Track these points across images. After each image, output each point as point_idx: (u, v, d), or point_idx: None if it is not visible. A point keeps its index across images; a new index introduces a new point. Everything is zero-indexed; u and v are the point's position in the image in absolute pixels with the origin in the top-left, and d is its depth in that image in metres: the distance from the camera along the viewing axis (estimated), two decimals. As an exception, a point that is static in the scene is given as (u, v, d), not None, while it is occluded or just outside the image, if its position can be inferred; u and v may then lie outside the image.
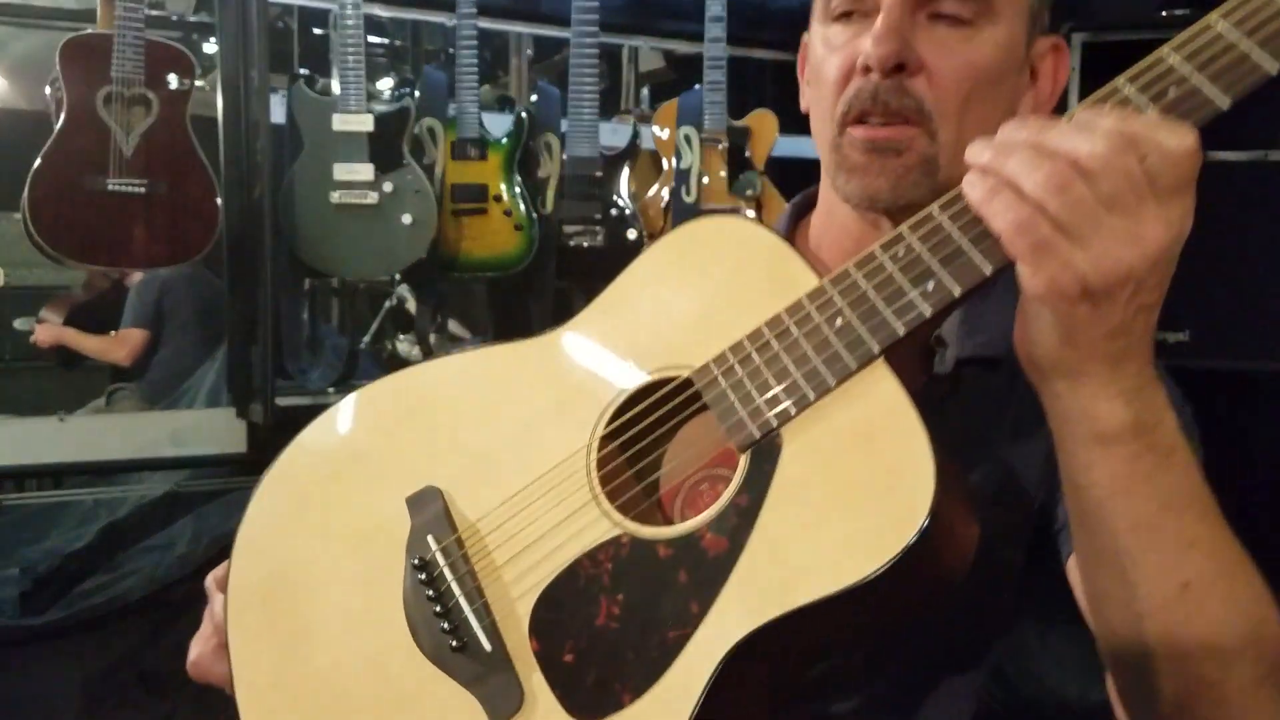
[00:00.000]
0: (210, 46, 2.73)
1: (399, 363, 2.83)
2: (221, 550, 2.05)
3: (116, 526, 2.48)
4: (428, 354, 2.66)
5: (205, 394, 2.85)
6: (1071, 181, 0.59)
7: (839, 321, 0.70)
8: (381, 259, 2.55)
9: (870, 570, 0.64)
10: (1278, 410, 2.45)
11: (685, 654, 0.70)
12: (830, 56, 0.86)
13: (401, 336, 3.08)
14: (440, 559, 0.79)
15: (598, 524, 0.76)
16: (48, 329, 3.32)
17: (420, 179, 2.50)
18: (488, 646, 0.76)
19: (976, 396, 0.84)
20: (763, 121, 2.80)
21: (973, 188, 0.63)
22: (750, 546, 0.70)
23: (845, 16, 0.85)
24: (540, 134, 2.63)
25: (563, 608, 0.75)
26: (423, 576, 0.79)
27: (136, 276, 3.28)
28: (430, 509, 0.81)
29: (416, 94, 2.62)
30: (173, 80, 2.33)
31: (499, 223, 2.53)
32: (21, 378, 3.46)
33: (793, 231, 0.98)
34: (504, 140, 2.60)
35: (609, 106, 3.21)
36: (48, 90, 2.33)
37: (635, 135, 2.74)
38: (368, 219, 2.46)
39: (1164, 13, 2.33)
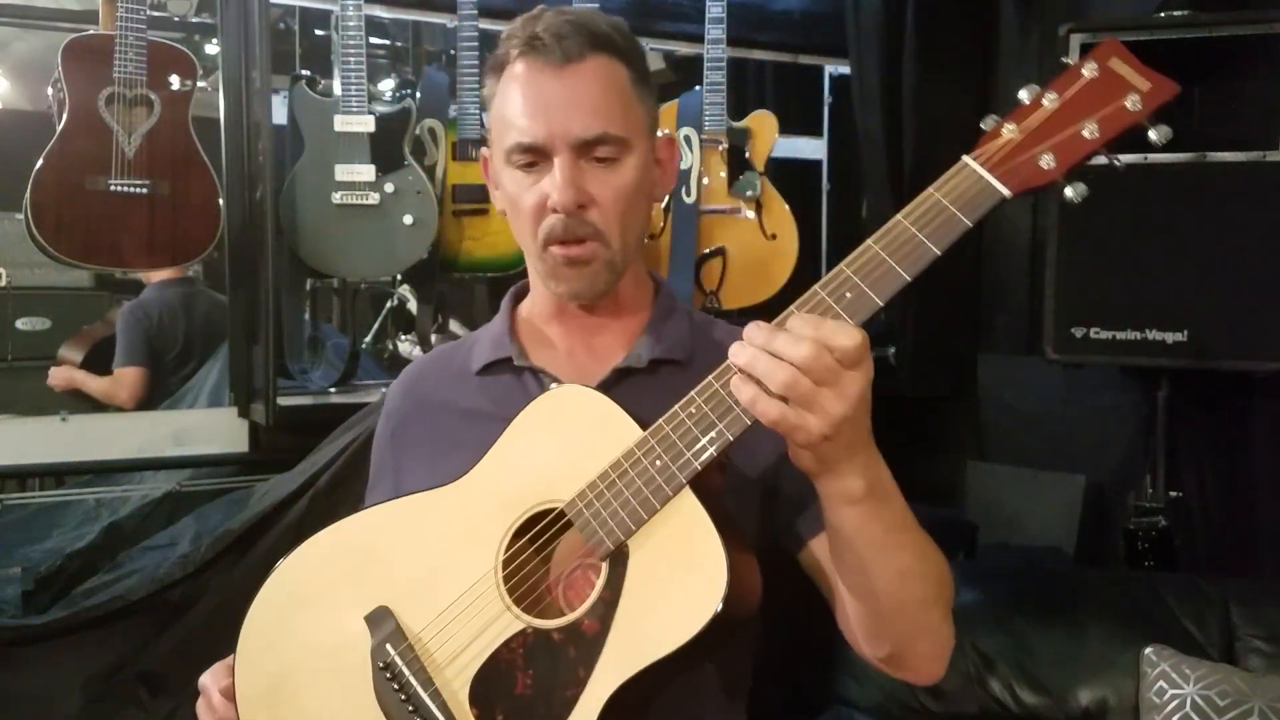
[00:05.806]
0: (212, 47, 2.73)
1: (400, 363, 2.83)
2: (223, 551, 2.05)
3: (118, 526, 2.48)
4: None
5: (207, 393, 2.86)
6: (797, 378, 0.91)
7: (658, 463, 1.02)
8: (383, 259, 2.56)
9: (693, 633, 0.98)
10: (1278, 410, 2.45)
11: (579, 705, 1.02)
12: (523, 195, 1.18)
13: (403, 336, 3.08)
14: (399, 661, 1.09)
15: (508, 622, 1.06)
16: (61, 372, 3.26)
17: (421, 179, 2.51)
18: (442, 718, 1.06)
19: (671, 383, 1.11)
20: (762, 122, 2.80)
21: (740, 389, 0.95)
22: (615, 625, 1.02)
23: (528, 165, 1.17)
24: (541, 135, 2.63)
25: (491, 684, 1.06)
26: (388, 675, 1.09)
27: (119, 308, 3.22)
28: (385, 625, 1.11)
29: (418, 95, 2.63)
30: (174, 81, 2.34)
31: (500, 223, 2.52)
32: (23, 377, 3.45)
33: (513, 310, 1.32)
34: (505, 141, 2.60)
35: (610, 107, 3.21)
36: (50, 91, 2.34)
37: (636, 136, 2.74)
38: (369, 219, 2.47)
39: (1163, 13, 2.32)
